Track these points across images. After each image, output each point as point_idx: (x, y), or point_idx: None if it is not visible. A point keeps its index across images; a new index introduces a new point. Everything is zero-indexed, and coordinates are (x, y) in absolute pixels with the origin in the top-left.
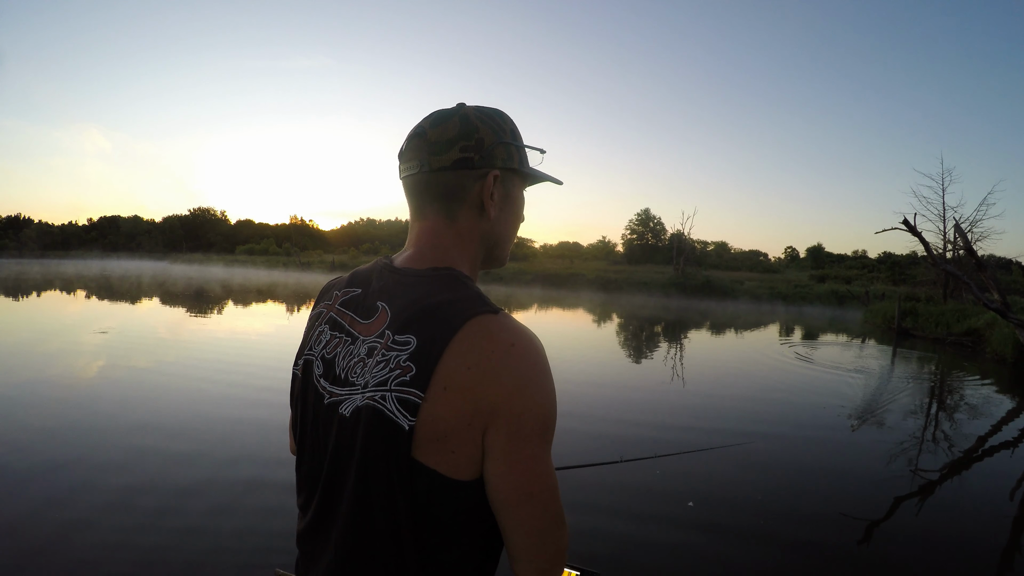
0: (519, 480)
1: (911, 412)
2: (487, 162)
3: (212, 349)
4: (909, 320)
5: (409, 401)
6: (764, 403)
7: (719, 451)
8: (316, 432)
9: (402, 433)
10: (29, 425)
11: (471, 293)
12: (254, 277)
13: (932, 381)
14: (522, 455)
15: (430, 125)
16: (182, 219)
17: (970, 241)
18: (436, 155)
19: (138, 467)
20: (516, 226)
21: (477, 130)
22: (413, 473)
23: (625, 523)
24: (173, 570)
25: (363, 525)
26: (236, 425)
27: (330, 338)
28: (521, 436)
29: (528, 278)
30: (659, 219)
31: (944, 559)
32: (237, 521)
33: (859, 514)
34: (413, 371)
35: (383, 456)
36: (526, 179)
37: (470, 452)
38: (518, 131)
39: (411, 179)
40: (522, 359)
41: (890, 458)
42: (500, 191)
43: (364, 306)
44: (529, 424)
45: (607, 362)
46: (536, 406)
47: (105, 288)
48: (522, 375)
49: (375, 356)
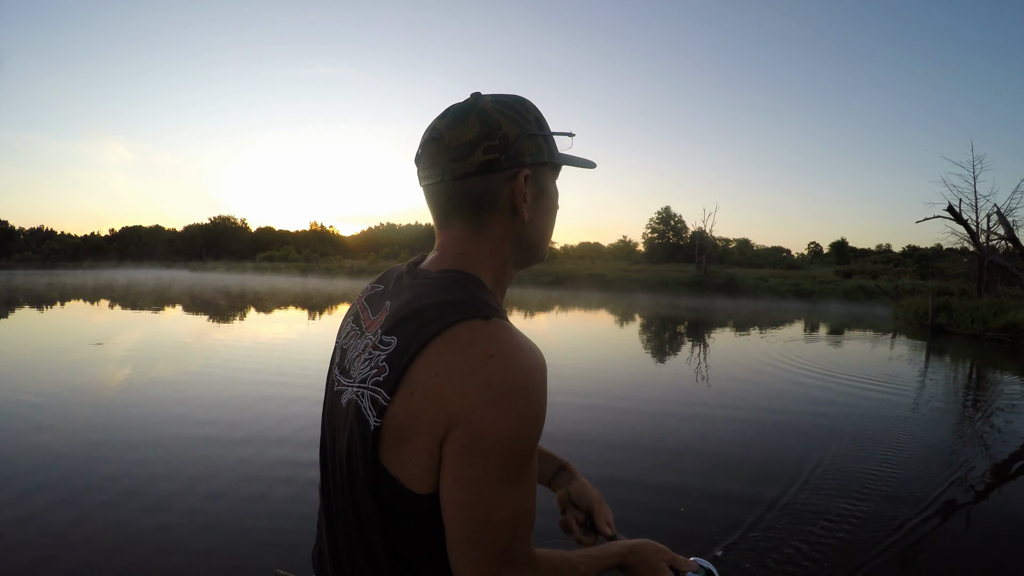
0: (462, 502)
1: (952, 414)
2: (515, 161)
3: (222, 354)
4: (943, 315)
5: (377, 402)
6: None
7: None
8: (330, 419)
9: (369, 432)
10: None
11: (465, 296)
12: (275, 284)
13: (971, 381)
14: (470, 474)
15: (447, 127)
16: (203, 228)
17: (1013, 229)
18: (458, 161)
19: (139, 467)
20: (553, 220)
21: (500, 126)
22: (378, 476)
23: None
24: (173, 570)
25: (354, 518)
26: (237, 423)
27: (350, 330)
28: (473, 452)
29: (548, 279)
30: (680, 217)
31: (988, 570)
32: (237, 521)
33: (894, 525)
34: (386, 372)
35: (359, 453)
36: (558, 168)
37: (427, 463)
38: (543, 118)
39: (433, 188)
40: (497, 372)
41: (928, 464)
42: (532, 189)
43: (378, 303)
44: (487, 443)
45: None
46: (501, 425)
47: (111, 298)
48: (492, 389)
49: (366, 353)
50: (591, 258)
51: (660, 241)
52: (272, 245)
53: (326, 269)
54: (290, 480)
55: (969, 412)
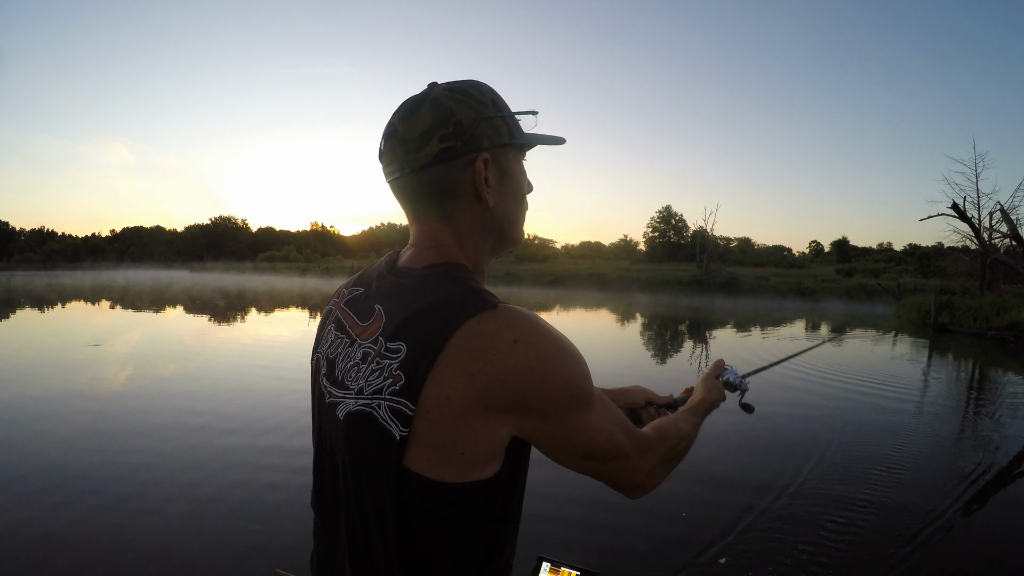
0: (566, 449)
1: (955, 415)
2: (472, 146)
3: (218, 355)
4: (945, 314)
5: (401, 412)
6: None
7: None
8: (322, 430)
9: (393, 442)
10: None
11: (465, 289)
12: (275, 284)
13: (974, 381)
14: (559, 432)
15: (400, 120)
16: (204, 228)
17: (1016, 227)
18: (413, 153)
19: (139, 467)
20: (523, 201)
21: (453, 113)
22: (404, 481)
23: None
24: (174, 569)
25: (361, 527)
26: (237, 425)
27: (335, 338)
28: (550, 418)
29: (548, 279)
30: (681, 216)
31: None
32: (237, 521)
33: (891, 534)
34: (403, 380)
35: (374, 462)
36: (522, 148)
37: (487, 448)
38: (501, 99)
39: (395, 183)
40: (527, 352)
41: (930, 467)
42: (495, 173)
43: (364, 307)
44: (553, 408)
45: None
46: (554, 391)
47: (110, 299)
48: (531, 369)
49: (369, 363)
50: (592, 257)
51: (661, 240)
52: (273, 245)
53: (326, 269)
54: (291, 480)
55: (972, 412)
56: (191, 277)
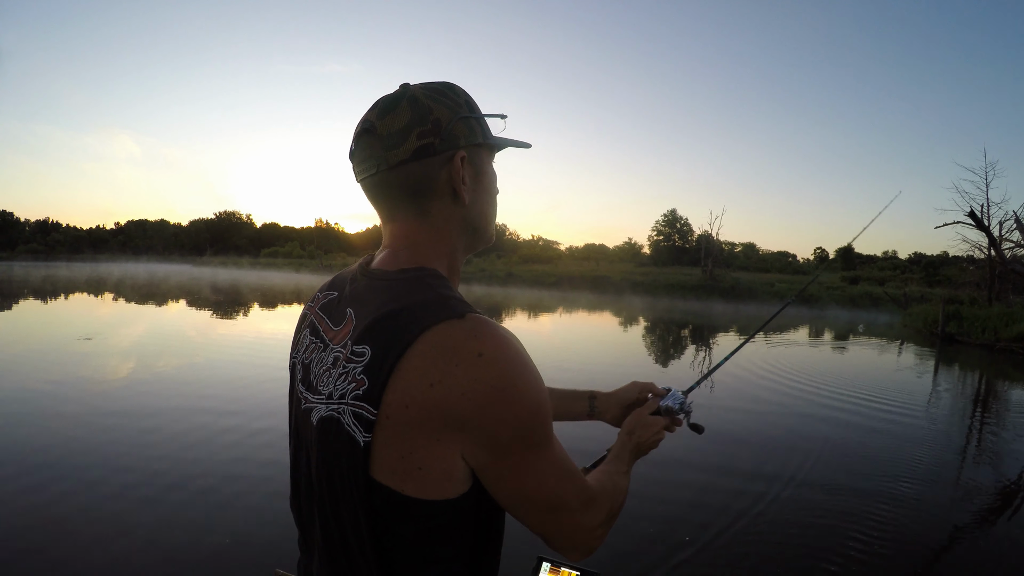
0: (512, 489)
1: (961, 429)
2: (450, 144)
3: (218, 355)
4: (953, 324)
5: (362, 416)
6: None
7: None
8: (298, 436)
9: (358, 448)
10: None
11: (435, 296)
12: (278, 280)
13: (980, 394)
14: (507, 465)
15: (377, 116)
16: (208, 223)
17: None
18: (392, 149)
19: (139, 469)
20: (494, 202)
21: (431, 111)
22: (370, 490)
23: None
24: (173, 569)
25: (338, 535)
26: (237, 424)
27: (309, 343)
28: (502, 448)
29: (552, 280)
30: (686, 220)
31: None
32: (237, 521)
33: (899, 548)
34: (366, 384)
35: (344, 469)
36: (493, 150)
37: (444, 468)
38: (474, 101)
39: (370, 181)
40: (490, 368)
41: (941, 483)
42: (471, 171)
43: (336, 311)
44: (507, 436)
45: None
46: (512, 416)
47: (93, 292)
48: (492, 387)
49: (338, 367)
50: (596, 260)
51: (666, 244)
52: (277, 241)
53: (328, 266)
54: (289, 480)
55: (977, 427)
56: (183, 271)
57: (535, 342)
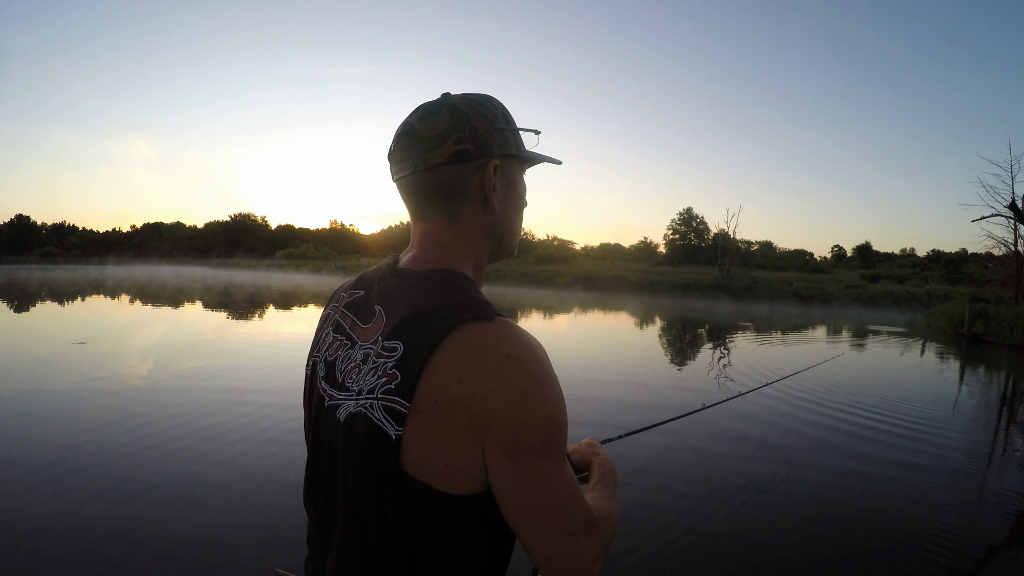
0: (523, 497)
1: (993, 439)
2: (484, 152)
3: (219, 360)
4: (979, 324)
5: (394, 410)
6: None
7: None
8: (319, 434)
9: (389, 442)
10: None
11: (465, 297)
12: (295, 282)
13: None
14: (523, 471)
15: (418, 120)
16: (223, 225)
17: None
18: (429, 151)
19: (140, 467)
20: (521, 214)
21: (469, 119)
22: (402, 484)
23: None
24: (173, 568)
25: (358, 532)
26: (237, 425)
27: (332, 340)
28: (520, 452)
29: (567, 280)
30: (702, 218)
31: None
32: (237, 521)
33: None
34: (398, 379)
35: (373, 464)
36: (524, 163)
37: (468, 468)
38: (510, 114)
39: (406, 180)
40: (518, 370)
41: (965, 486)
42: (502, 180)
43: (365, 309)
44: (527, 440)
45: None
46: (534, 420)
47: (104, 294)
48: (518, 388)
49: (368, 363)
50: (611, 259)
51: (682, 243)
52: (292, 242)
53: (342, 267)
54: (289, 480)
55: (1002, 436)
56: (185, 272)
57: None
